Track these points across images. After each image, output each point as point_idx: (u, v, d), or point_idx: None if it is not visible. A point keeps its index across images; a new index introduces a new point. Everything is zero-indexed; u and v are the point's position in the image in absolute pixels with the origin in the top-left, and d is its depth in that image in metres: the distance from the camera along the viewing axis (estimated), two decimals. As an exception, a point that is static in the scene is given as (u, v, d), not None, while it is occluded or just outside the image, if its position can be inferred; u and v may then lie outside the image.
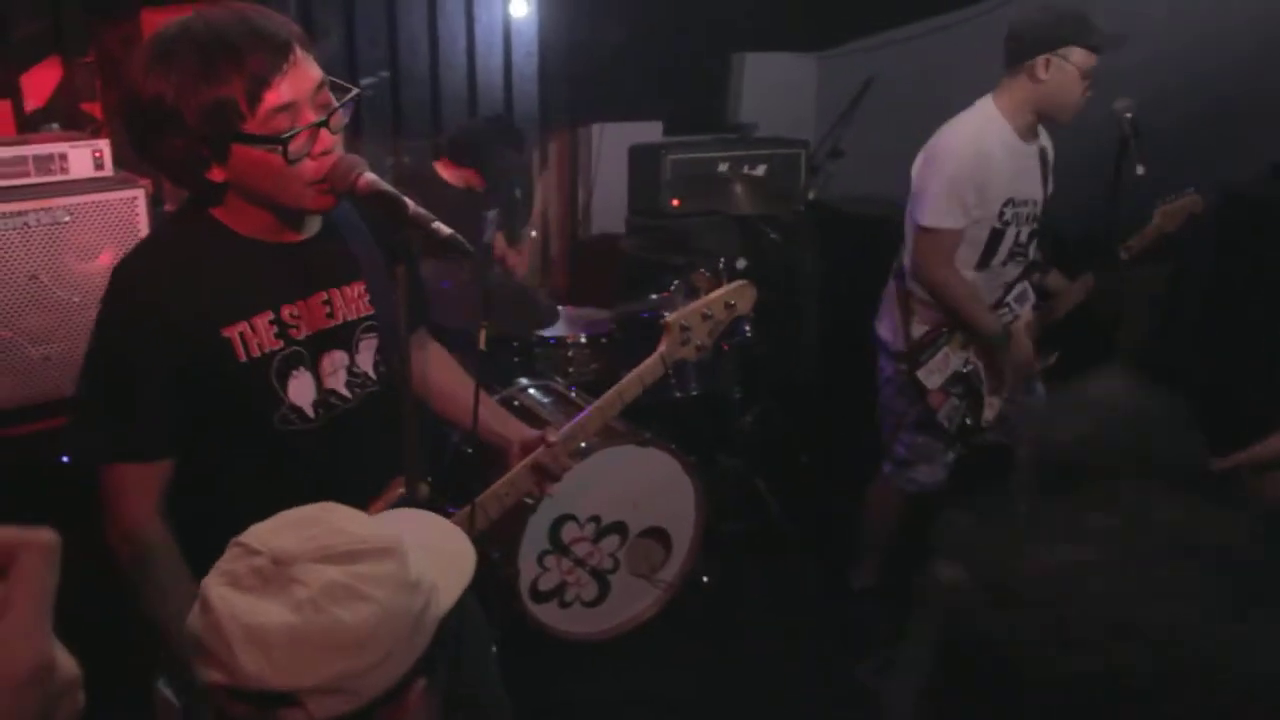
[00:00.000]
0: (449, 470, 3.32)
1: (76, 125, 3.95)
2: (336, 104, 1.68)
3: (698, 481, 3.48)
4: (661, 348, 2.21)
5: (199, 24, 1.60)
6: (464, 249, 1.58)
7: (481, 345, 1.86)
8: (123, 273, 1.73)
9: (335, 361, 1.86)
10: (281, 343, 1.77)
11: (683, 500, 3.49)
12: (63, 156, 3.25)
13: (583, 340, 4.08)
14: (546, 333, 4.08)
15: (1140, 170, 3.08)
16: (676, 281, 4.04)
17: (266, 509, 1.34)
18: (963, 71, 5.25)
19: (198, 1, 3.67)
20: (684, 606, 3.56)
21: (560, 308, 4.32)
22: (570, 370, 4.05)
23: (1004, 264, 3.40)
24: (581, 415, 2.21)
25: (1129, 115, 3.16)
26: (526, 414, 3.52)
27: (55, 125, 4.05)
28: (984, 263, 3.36)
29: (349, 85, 1.71)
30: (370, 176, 1.63)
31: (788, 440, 4.59)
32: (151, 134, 1.62)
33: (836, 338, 5.24)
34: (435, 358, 2.22)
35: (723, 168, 5.12)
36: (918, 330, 3.40)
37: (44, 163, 3.23)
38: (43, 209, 3.18)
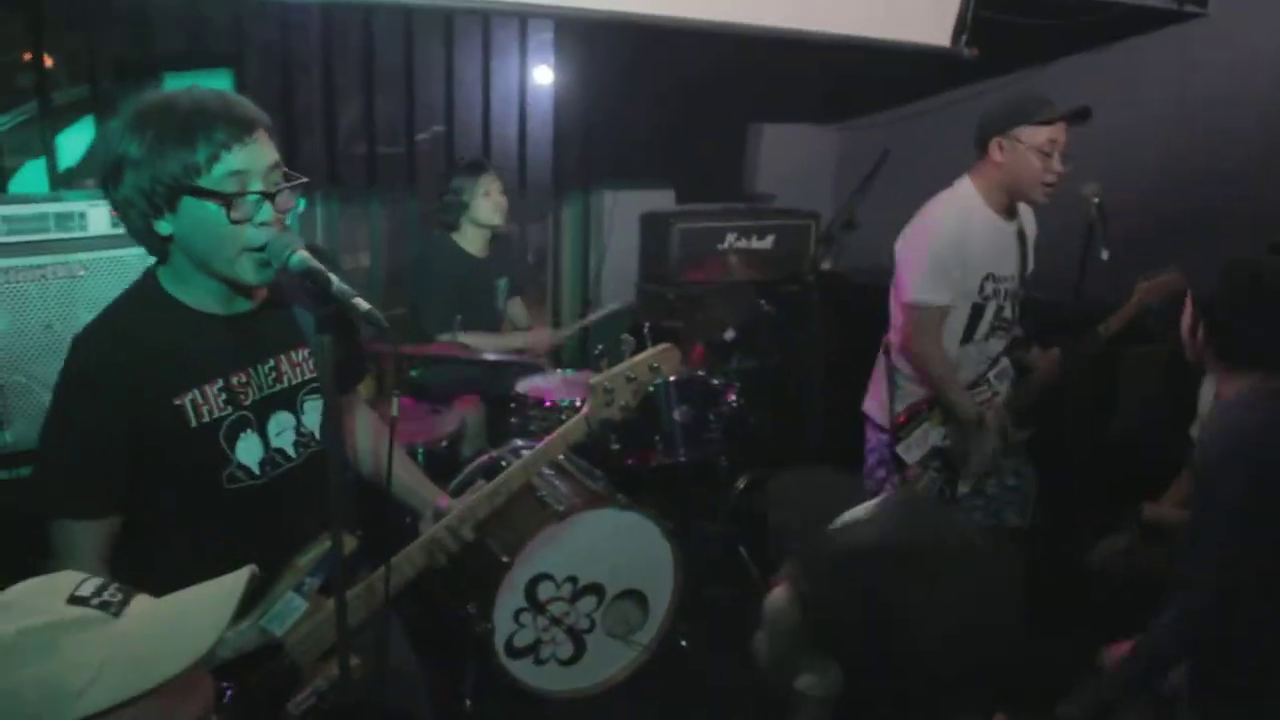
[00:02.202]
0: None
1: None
2: (286, 186, 1.84)
3: (676, 546, 3.54)
4: (586, 409, 2.34)
5: (185, 98, 1.79)
6: (379, 324, 1.72)
7: (394, 412, 1.96)
8: (81, 342, 1.87)
9: (282, 423, 2.03)
10: (230, 408, 1.93)
11: (661, 564, 3.55)
12: (82, 214, 3.44)
13: (578, 403, 4.19)
14: (543, 395, 4.20)
15: (1105, 255, 3.15)
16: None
17: (210, 557, 1.49)
18: (970, 144, 5.39)
19: (211, 67, 3.87)
20: (661, 669, 3.61)
21: (559, 371, 4.45)
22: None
23: (987, 338, 3.48)
24: (495, 481, 2.31)
25: (1096, 200, 3.25)
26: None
27: (90, 181, 4.28)
28: (968, 337, 3.45)
29: (299, 175, 1.87)
30: (302, 254, 1.76)
31: (779, 510, 4.64)
32: (115, 176, 1.79)
33: (840, 409, 5.31)
34: (363, 421, 2.39)
35: (730, 237, 5.24)
36: (900, 405, 3.48)
37: (64, 220, 3.42)
38: (60, 262, 3.37)
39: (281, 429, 2.02)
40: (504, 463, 3.68)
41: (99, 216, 3.46)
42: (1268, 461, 2.28)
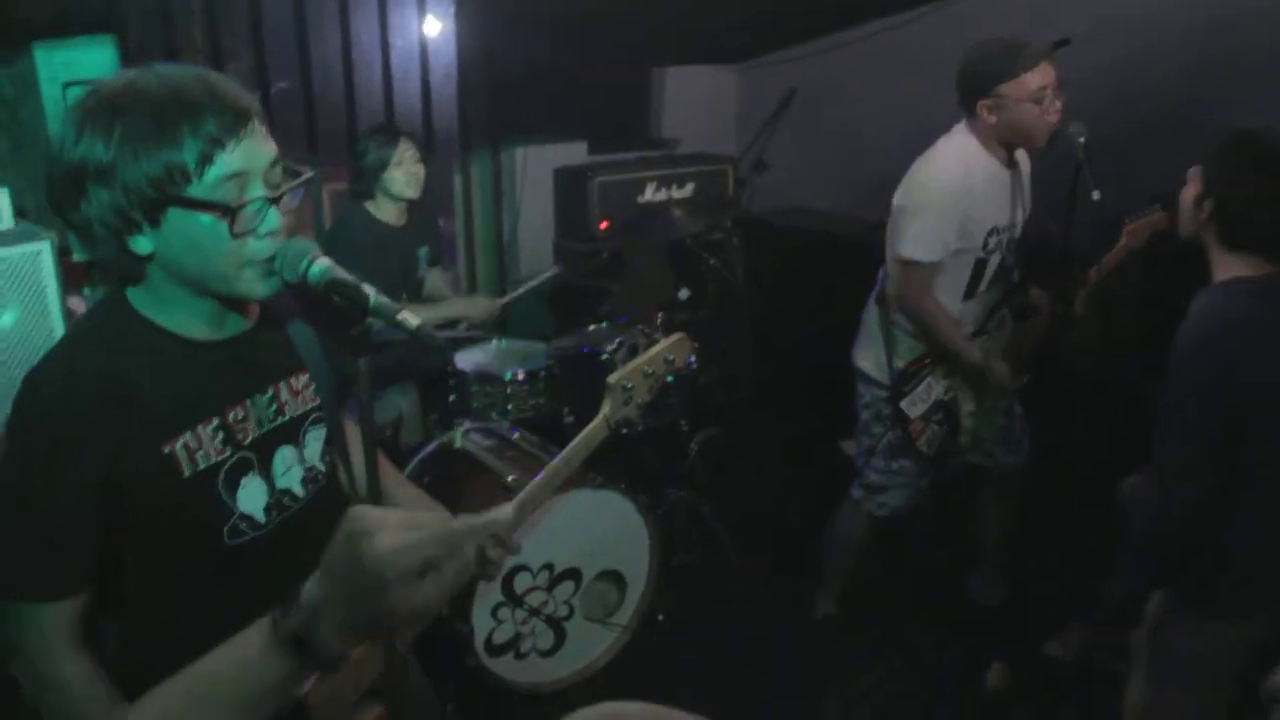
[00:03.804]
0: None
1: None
2: (290, 185, 1.53)
3: (651, 520, 3.40)
4: (605, 410, 2.14)
5: (153, 80, 1.45)
6: (435, 342, 1.47)
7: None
8: (40, 382, 1.51)
9: (287, 459, 1.72)
10: (228, 450, 1.61)
11: (636, 541, 3.39)
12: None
13: (521, 377, 3.97)
14: (485, 369, 3.97)
15: (1095, 195, 3.04)
16: (605, 324, 3.96)
17: (208, 625, 1.23)
18: (878, 83, 5.32)
19: (89, 33, 3.48)
20: (641, 646, 3.47)
21: (494, 341, 4.21)
22: (510, 408, 3.94)
23: (987, 290, 3.40)
24: (519, 498, 2.08)
25: (1081, 139, 3.11)
26: (470, 461, 3.42)
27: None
28: (970, 292, 3.37)
29: (303, 169, 1.57)
30: (325, 261, 1.49)
31: (734, 467, 4.53)
32: (73, 191, 1.44)
33: (772, 354, 5.22)
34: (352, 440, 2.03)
35: (651, 188, 5.05)
36: (900, 360, 3.37)
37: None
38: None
39: (287, 466, 1.72)
40: (456, 445, 3.47)
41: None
42: (1237, 353, 2.22)
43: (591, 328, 4.09)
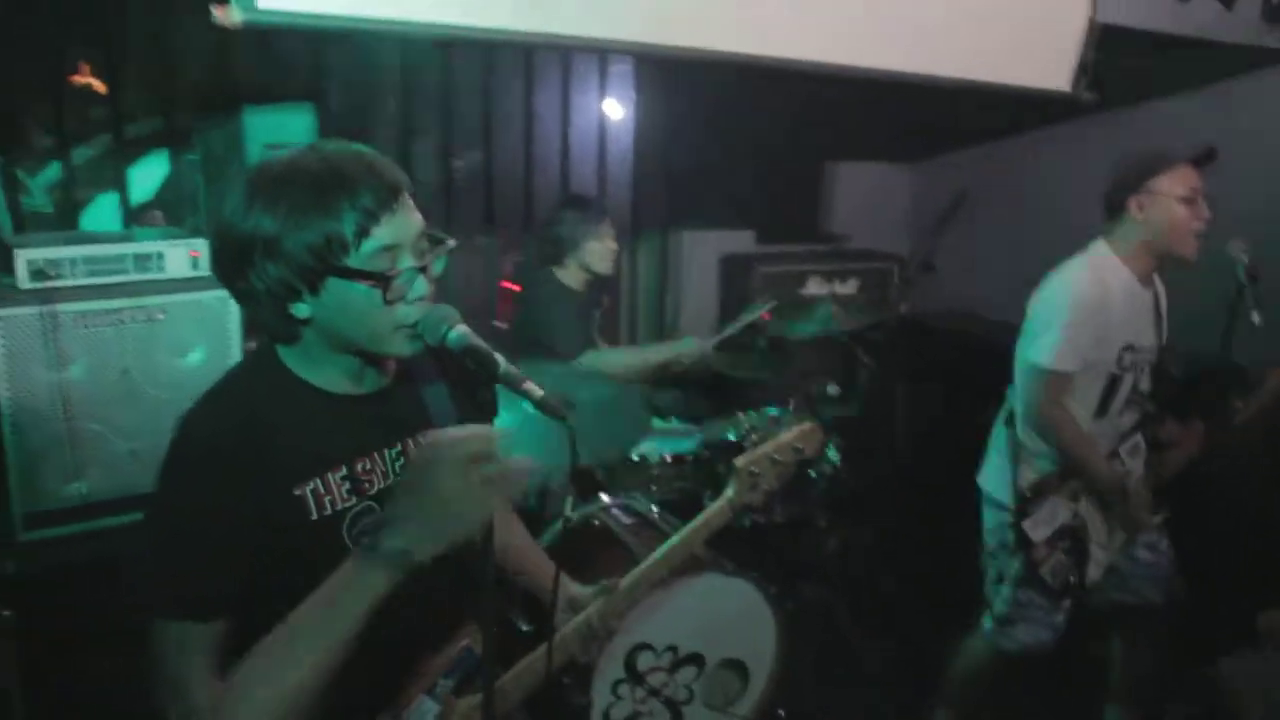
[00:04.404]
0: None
1: (178, 220, 4.04)
2: (434, 254, 1.65)
3: (780, 613, 3.36)
4: (729, 493, 2.16)
5: (313, 157, 1.58)
6: (558, 414, 1.52)
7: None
8: (192, 422, 1.65)
9: None
10: (354, 499, 1.71)
11: (763, 632, 3.35)
12: (160, 255, 3.31)
13: (668, 459, 4.01)
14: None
15: (1256, 319, 2.93)
16: (750, 427, 3.96)
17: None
18: (1052, 185, 5.23)
19: (291, 100, 3.77)
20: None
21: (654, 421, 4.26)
22: (653, 489, 3.97)
23: (1121, 413, 3.28)
24: (632, 576, 2.14)
25: (1245, 259, 3.02)
26: (604, 535, 3.45)
27: (159, 212, 4.17)
28: (1102, 410, 3.25)
29: (445, 236, 1.67)
30: (463, 329, 1.58)
31: (872, 571, 4.45)
32: (243, 262, 1.58)
33: (926, 457, 5.12)
34: None
35: (814, 282, 5.07)
36: (1026, 479, 3.28)
37: (143, 261, 3.29)
38: (138, 305, 3.22)
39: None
40: (595, 521, 3.52)
41: (178, 257, 3.35)
42: None
43: (741, 415, 4.10)
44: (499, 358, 1.54)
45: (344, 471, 1.71)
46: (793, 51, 3.54)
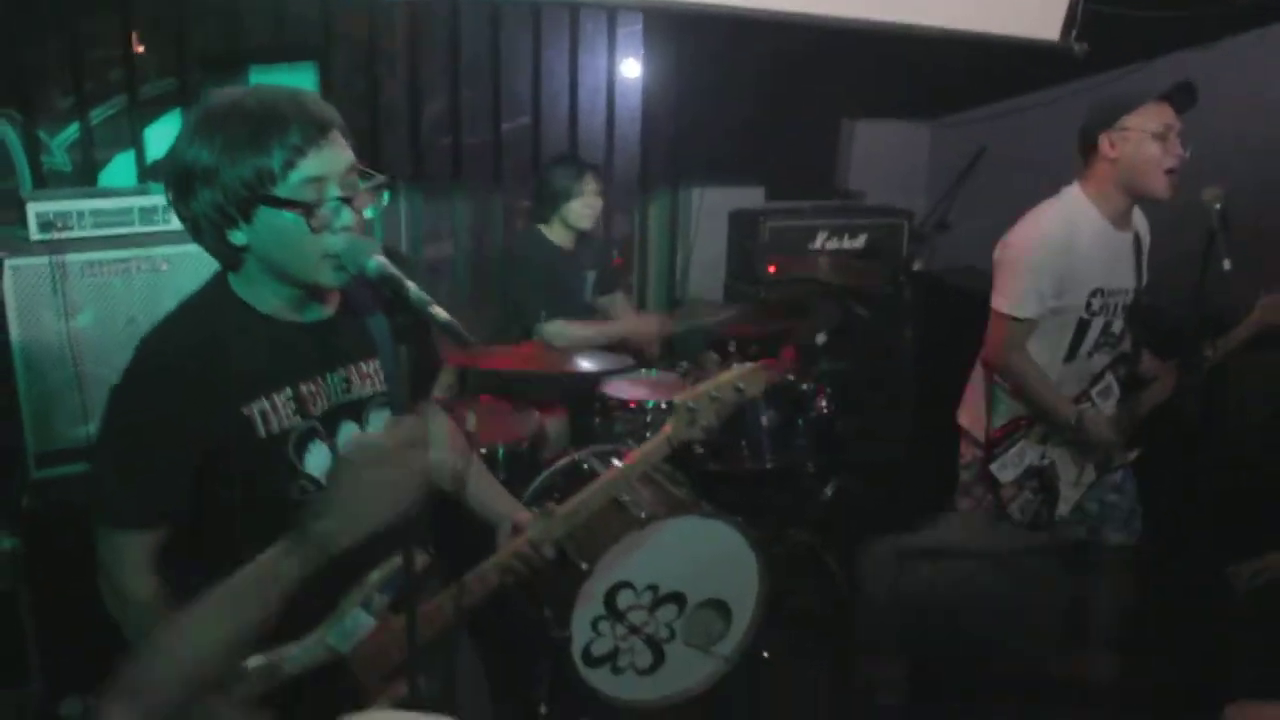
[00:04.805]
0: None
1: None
2: (368, 189, 1.77)
3: (761, 555, 3.43)
4: (667, 429, 2.25)
5: (252, 99, 1.72)
6: (458, 335, 1.62)
7: (469, 426, 1.88)
8: (148, 345, 1.81)
9: (350, 435, 1.94)
10: (299, 418, 1.85)
11: (745, 573, 3.43)
12: (165, 208, 3.43)
13: (663, 406, 4.09)
14: (629, 396, 4.11)
15: (1227, 266, 2.93)
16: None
17: None
18: (1071, 145, 5.18)
19: (296, 60, 3.88)
20: (741, 680, 3.50)
21: (643, 371, 4.35)
22: (647, 435, 4.06)
23: (1090, 354, 3.31)
24: (575, 500, 2.26)
25: (1218, 206, 3.01)
26: (591, 479, 3.54)
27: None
28: (1071, 354, 3.28)
29: (376, 173, 1.79)
30: (379, 259, 1.68)
31: (863, 517, 4.50)
32: (185, 190, 1.72)
33: (930, 417, 5.14)
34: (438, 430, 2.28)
35: (821, 237, 5.11)
36: (997, 420, 3.32)
37: (148, 214, 3.42)
38: (144, 256, 3.36)
39: (350, 441, 1.95)
40: (584, 465, 3.62)
41: (183, 210, 3.45)
42: None
43: (734, 366, 4.16)
44: (410, 285, 1.64)
45: (289, 393, 1.85)
46: (781, 4, 3.58)
